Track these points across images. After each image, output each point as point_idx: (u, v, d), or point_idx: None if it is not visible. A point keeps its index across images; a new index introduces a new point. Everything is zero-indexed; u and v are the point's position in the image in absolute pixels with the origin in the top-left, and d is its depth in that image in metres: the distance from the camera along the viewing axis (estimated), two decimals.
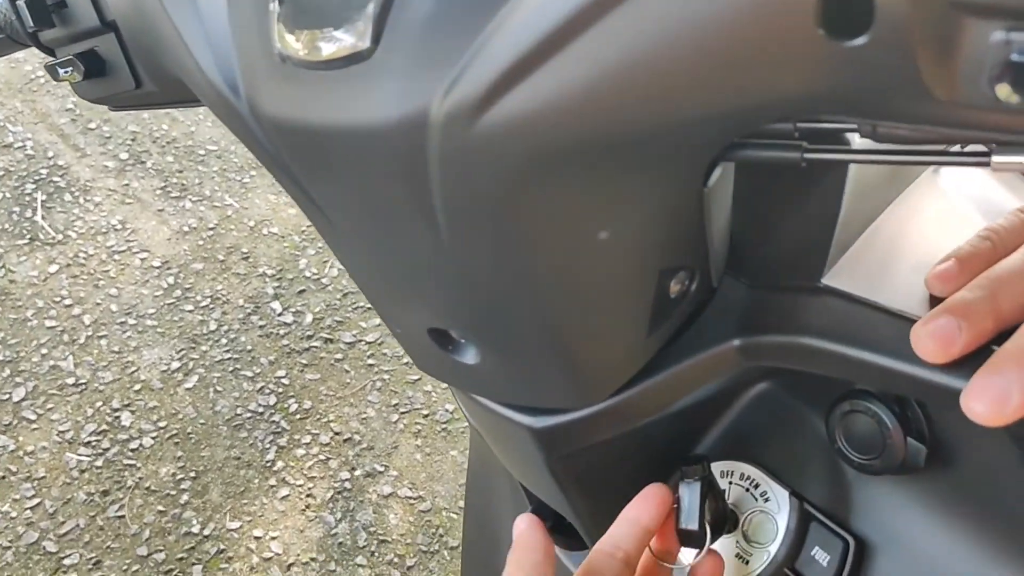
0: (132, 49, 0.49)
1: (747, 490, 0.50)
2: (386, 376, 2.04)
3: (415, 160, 0.32)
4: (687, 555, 0.51)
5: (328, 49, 0.33)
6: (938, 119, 0.30)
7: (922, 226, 0.44)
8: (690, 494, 0.47)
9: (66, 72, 0.52)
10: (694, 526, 0.46)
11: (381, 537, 1.73)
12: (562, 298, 0.37)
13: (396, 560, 1.70)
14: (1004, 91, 0.26)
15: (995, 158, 0.32)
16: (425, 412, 1.98)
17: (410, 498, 1.81)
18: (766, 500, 0.49)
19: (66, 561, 1.63)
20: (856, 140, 0.38)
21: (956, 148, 0.34)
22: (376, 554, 1.71)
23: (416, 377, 2.05)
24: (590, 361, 0.41)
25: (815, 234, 0.42)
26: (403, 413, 1.97)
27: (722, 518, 0.49)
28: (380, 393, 2.01)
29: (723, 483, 0.51)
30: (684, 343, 0.44)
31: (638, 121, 0.31)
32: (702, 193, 0.38)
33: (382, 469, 1.86)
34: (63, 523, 1.69)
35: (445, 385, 2.06)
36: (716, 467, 0.51)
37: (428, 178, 0.32)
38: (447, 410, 1.98)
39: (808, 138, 0.36)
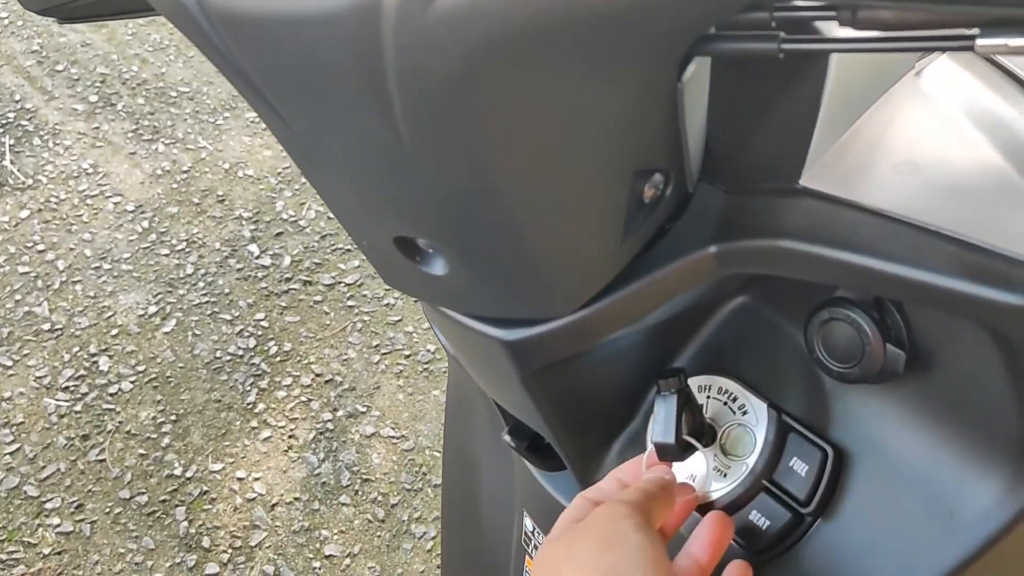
0: None
1: (725, 404, 0.49)
2: (366, 317, 2.03)
3: (370, 49, 0.30)
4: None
5: None
6: None
7: (903, 128, 0.42)
8: (666, 407, 0.46)
9: None
10: (670, 439, 0.46)
11: (364, 476, 1.74)
12: (529, 199, 0.36)
13: (380, 499, 1.70)
14: None
15: (979, 40, 0.31)
16: (407, 353, 1.97)
17: (393, 438, 1.81)
18: (744, 413, 0.49)
19: (48, 505, 1.63)
20: (835, 31, 0.37)
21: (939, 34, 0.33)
22: (360, 493, 1.71)
23: (397, 318, 2.04)
24: (562, 268, 0.40)
25: (793, 135, 0.41)
26: (384, 354, 1.97)
27: (700, 432, 0.48)
28: (361, 334, 2.00)
29: (701, 397, 0.50)
30: (659, 251, 0.43)
31: (604, 1, 0.29)
32: (676, 88, 0.36)
33: (364, 409, 1.85)
34: (43, 468, 1.68)
35: (427, 326, 2.05)
36: (694, 382, 0.50)
37: (383, 68, 0.31)
38: (428, 350, 1.97)
39: (786, 29, 0.35)
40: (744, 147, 0.43)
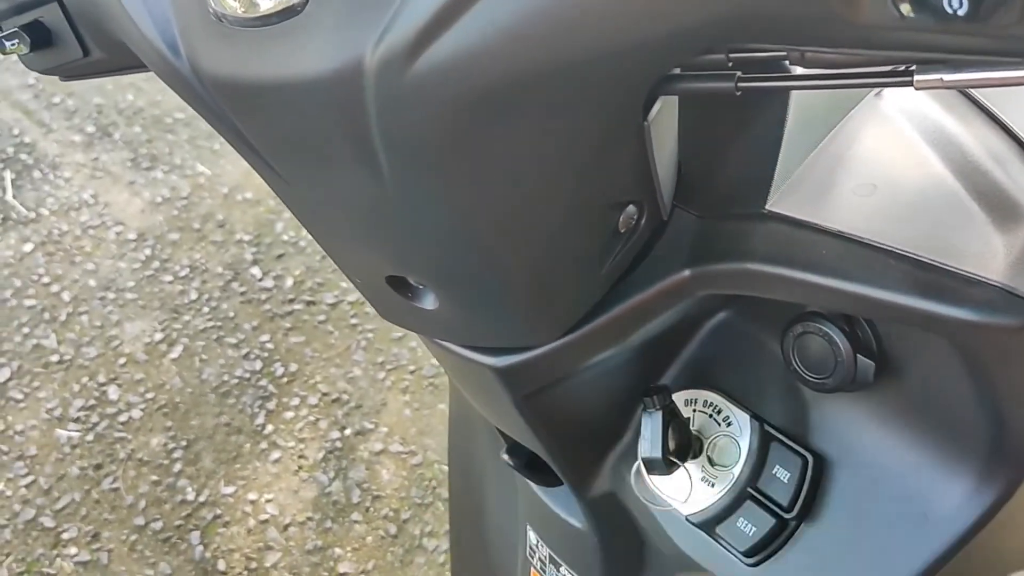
0: (77, 17, 0.49)
1: (710, 416, 0.52)
2: (370, 335, 2.05)
3: (353, 110, 0.33)
4: (658, 482, 0.52)
5: (263, 5, 0.33)
6: (855, 42, 0.31)
7: (863, 150, 0.45)
8: (652, 424, 0.48)
9: (12, 44, 0.52)
10: (657, 455, 0.48)
11: (375, 493, 1.76)
12: (509, 238, 0.38)
13: (391, 514, 1.73)
14: (906, 7, 0.27)
15: (917, 77, 0.33)
16: (412, 368, 2.00)
17: (401, 453, 1.83)
18: (728, 424, 0.51)
19: (64, 535, 1.65)
20: (792, 67, 0.39)
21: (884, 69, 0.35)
22: (371, 510, 1.73)
23: (401, 334, 2.06)
24: (545, 298, 0.42)
25: (758, 162, 0.43)
26: (390, 370, 1.99)
27: (686, 445, 0.50)
28: (365, 352, 2.02)
29: (687, 411, 0.52)
30: (638, 276, 0.45)
31: (566, 56, 0.31)
32: (643, 127, 0.39)
33: (372, 426, 1.87)
34: (58, 498, 1.71)
35: None
36: (680, 396, 0.53)
37: (368, 126, 0.33)
38: (433, 364, 1.99)
39: (743, 68, 0.37)
40: (714, 175, 0.45)
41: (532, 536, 0.67)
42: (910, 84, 0.33)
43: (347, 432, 1.86)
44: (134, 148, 2.54)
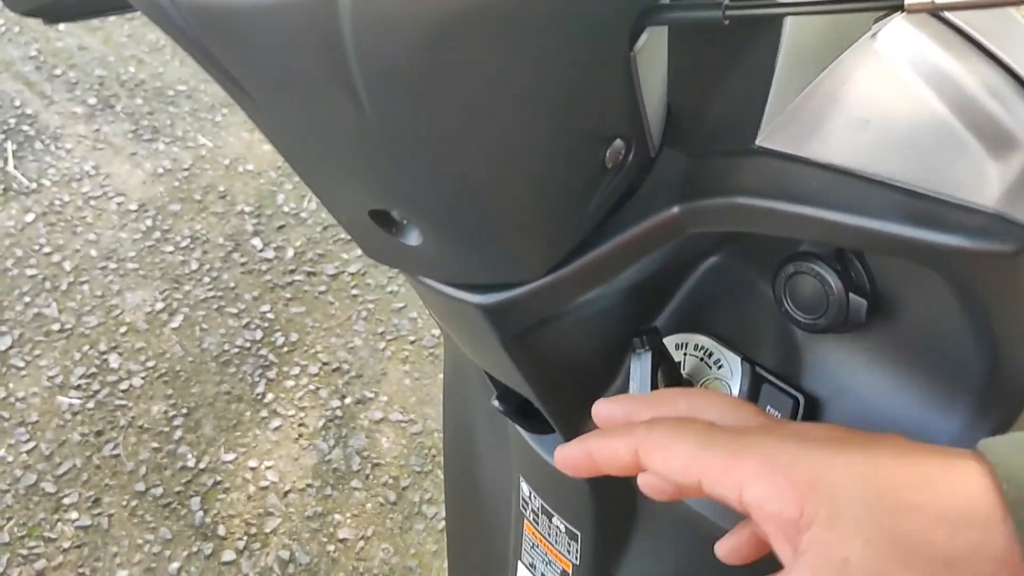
0: None
1: (701, 359, 0.51)
2: (371, 305, 2.05)
3: (329, 31, 0.32)
4: None
5: None
6: None
7: (857, 87, 0.44)
8: (641, 365, 0.48)
9: None
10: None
11: (375, 461, 1.76)
12: (493, 168, 0.38)
13: (391, 482, 1.73)
14: None
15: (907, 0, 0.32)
16: (412, 338, 2.00)
17: (401, 422, 1.83)
18: (719, 367, 0.51)
19: (65, 500, 1.66)
20: None
21: None
22: (371, 477, 1.74)
23: (401, 305, 2.06)
24: (529, 232, 0.42)
25: (749, 96, 0.43)
26: (390, 340, 1.99)
27: (677, 387, 0.50)
28: (366, 322, 2.02)
29: (678, 355, 0.52)
30: (625, 213, 0.45)
31: None
32: (629, 58, 0.38)
33: (372, 396, 1.88)
34: (60, 464, 1.72)
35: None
36: (671, 340, 0.52)
37: (344, 49, 0.32)
38: (433, 335, 1.99)
39: None
40: (703, 112, 0.44)
41: (525, 488, 0.67)
42: (900, 7, 0.33)
43: (347, 401, 1.86)
44: (136, 120, 2.53)
